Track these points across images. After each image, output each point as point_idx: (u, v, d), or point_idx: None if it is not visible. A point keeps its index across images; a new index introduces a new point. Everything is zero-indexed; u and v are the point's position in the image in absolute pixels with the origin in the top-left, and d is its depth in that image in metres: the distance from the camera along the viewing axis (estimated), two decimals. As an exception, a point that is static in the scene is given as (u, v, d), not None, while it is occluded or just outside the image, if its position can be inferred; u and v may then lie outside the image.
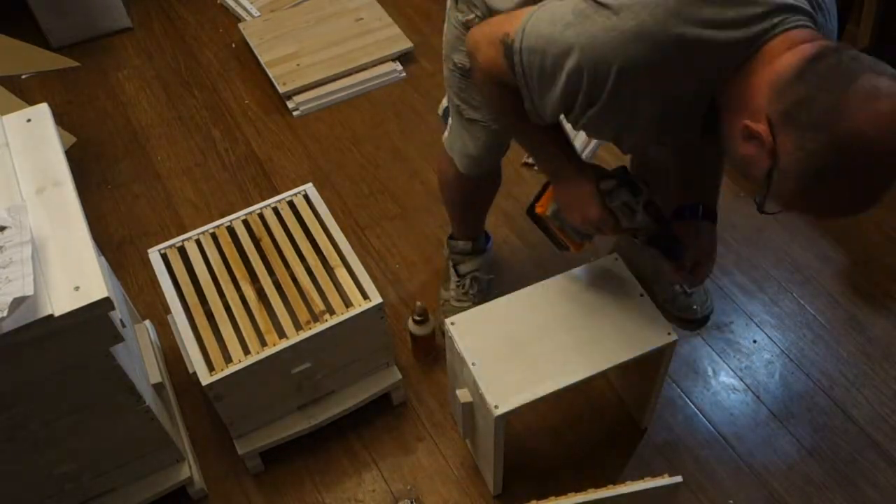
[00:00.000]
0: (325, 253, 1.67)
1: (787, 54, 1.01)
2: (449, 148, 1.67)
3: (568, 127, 1.43)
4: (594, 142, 2.32)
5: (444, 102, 1.80)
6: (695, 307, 1.94)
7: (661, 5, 1.04)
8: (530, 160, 2.29)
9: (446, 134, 1.69)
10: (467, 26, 1.43)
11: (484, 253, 1.93)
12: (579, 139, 2.32)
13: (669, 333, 1.48)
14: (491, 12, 1.35)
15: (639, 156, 1.80)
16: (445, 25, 1.53)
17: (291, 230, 1.71)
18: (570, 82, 1.14)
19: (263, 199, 1.79)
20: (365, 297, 1.60)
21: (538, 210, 1.51)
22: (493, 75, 1.27)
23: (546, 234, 1.56)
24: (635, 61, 1.06)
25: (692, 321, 1.95)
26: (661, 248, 1.44)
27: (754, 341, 1.92)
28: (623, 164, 1.48)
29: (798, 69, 0.98)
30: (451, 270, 1.93)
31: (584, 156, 2.26)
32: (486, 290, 1.92)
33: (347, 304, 1.60)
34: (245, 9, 2.83)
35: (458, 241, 1.90)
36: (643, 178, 1.39)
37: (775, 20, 1.04)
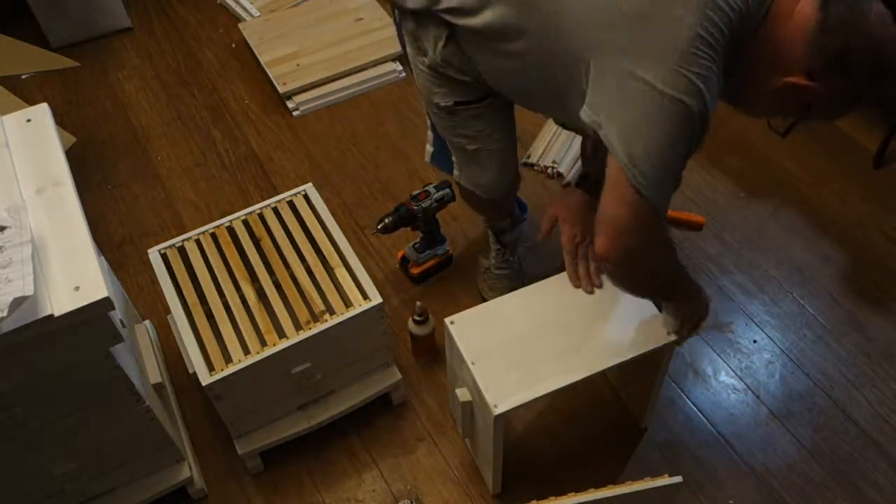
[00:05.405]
0: (325, 253, 1.67)
1: (798, 7, 1.13)
2: (467, 183, 1.71)
3: (561, 139, 1.42)
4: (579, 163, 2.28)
5: (429, 147, 1.86)
6: None
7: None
8: (530, 160, 2.29)
9: (456, 172, 1.72)
10: (433, 68, 1.46)
11: (522, 222, 2.00)
12: (569, 158, 2.31)
13: (669, 333, 1.48)
14: None
15: None
16: (415, 74, 1.55)
17: (291, 230, 1.71)
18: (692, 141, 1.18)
19: (263, 199, 1.79)
20: (365, 297, 1.60)
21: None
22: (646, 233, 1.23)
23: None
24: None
25: None
26: None
27: (754, 341, 1.92)
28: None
29: (819, 21, 1.11)
30: (492, 238, 1.95)
31: (570, 176, 2.27)
32: (522, 261, 1.98)
33: (347, 304, 1.60)
34: (245, 9, 2.83)
35: (495, 222, 1.94)
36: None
37: None
